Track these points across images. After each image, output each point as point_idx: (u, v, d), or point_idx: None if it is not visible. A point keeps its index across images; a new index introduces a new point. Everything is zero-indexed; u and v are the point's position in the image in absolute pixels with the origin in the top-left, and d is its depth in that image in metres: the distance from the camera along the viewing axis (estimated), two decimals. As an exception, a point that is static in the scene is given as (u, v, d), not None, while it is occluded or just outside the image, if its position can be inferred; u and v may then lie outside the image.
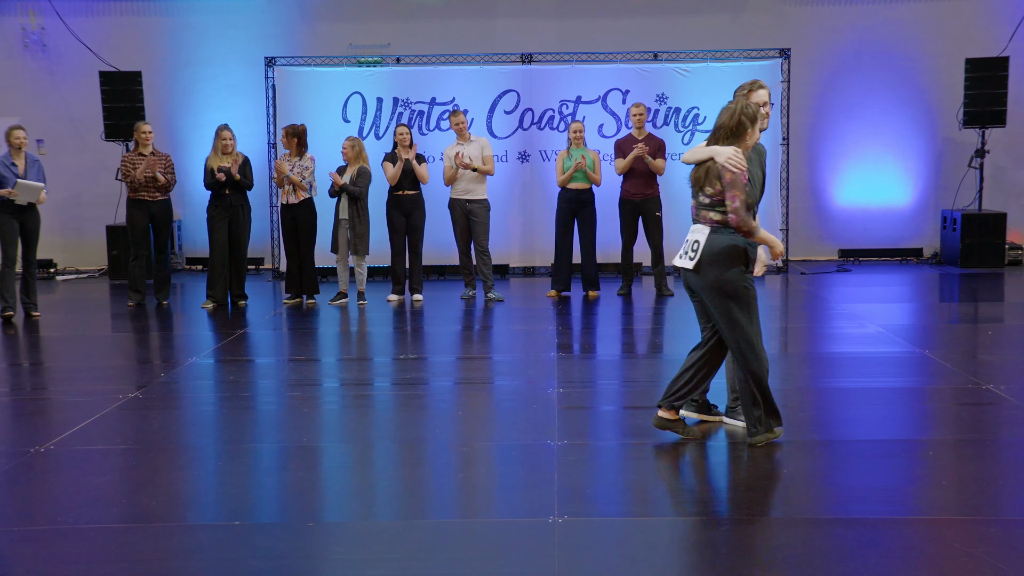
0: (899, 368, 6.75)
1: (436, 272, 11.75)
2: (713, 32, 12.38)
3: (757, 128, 4.90)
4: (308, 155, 9.71)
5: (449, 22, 12.53)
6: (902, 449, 4.94)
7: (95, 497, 4.37)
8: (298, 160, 9.63)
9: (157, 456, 4.99)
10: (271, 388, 6.55)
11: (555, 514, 4.04)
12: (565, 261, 10.07)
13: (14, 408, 6.16)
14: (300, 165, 9.60)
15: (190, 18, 12.68)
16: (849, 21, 12.54)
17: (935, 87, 12.49)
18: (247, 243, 9.83)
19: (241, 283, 9.81)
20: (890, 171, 12.67)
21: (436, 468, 4.86)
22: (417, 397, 6.25)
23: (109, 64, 12.26)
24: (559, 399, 5.89)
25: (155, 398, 6.12)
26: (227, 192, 9.54)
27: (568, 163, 9.85)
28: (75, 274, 12.58)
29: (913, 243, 12.74)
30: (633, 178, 9.93)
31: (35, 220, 8.94)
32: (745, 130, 4.85)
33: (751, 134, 4.88)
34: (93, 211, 12.51)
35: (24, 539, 3.91)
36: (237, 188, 9.60)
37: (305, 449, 5.12)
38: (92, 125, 12.17)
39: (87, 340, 8.42)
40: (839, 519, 4.02)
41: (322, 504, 4.40)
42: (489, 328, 8.76)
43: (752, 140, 4.91)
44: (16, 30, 12.68)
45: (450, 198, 9.99)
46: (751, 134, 4.88)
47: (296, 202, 9.62)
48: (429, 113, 11.76)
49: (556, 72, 11.78)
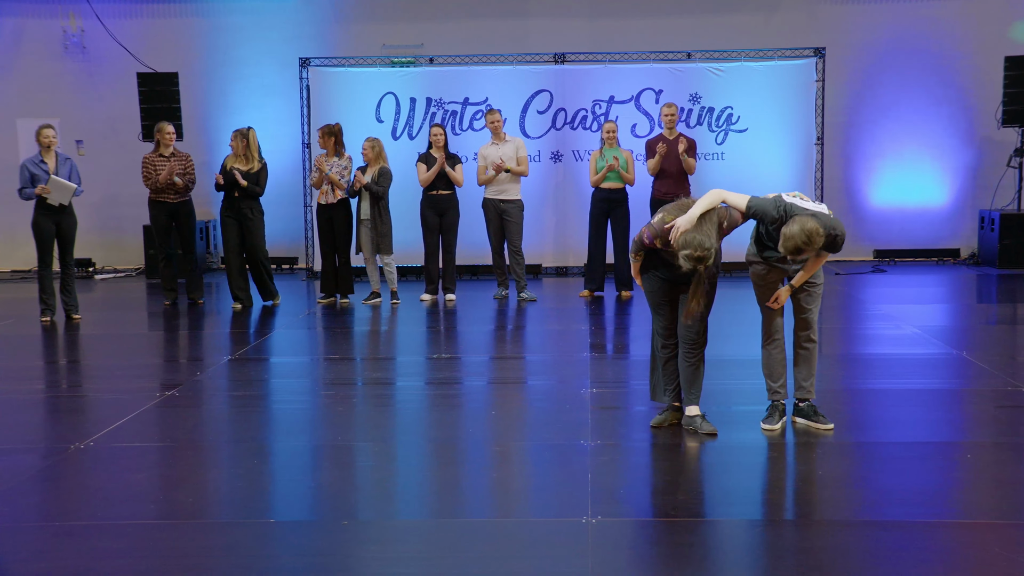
0: (936, 370, 6.67)
1: (469, 272, 11.78)
2: (747, 31, 12.32)
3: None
4: (346, 155, 9.76)
5: (482, 22, 12.56)
6: (939, 451, 4.89)
7: (133, 493, 4.42)
8: (336, 159, 9.68)
9: (193, 453, 5.04)
10: (305, 387, 6.59)
11: (588, 514, 4.04)
12: (598, 261, 10.06)
13: (54, 405, 6.25)
14: (339, 165, 9.65)
15: (226, 19, 12.80)
16: (885, 19, 12.42)
17: (973, 85, 12.34)
18: (263, 245, 9.66)
19: (265, 284, 9.67)
20: (927, 170, 12.54)
21: (469, 467, 4.87)
22: (450, 396, 6.27)
23: (146, 65, 12.40)
24: (592, 399, 5.89)
25: (191, 396, 6.18)
26: (236, 195, 9.46)
27: (601, 163, 9.83)
28: (113, 273, 12.73)
29: (950, 243, 12.60)
30: (665, 178, 9.90)
31: (70, 222, 8.95)
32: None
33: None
34: (130, 211, 12.65)
35: (65, 533, 3.97)
36: (246, 190, 9.44)
37: (339, 448, 5.15)
38: (130, 126, 12.31)
39: (124, 339, 8.52)
40: (876, 521, 3.99)
41: (356, 502, 4.42)
42: (522, 328, 8.76)
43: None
44: (57, 33, 12.86)
45: (484, 198, 10.00)
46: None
47: (334, 202, 9.67)
48: (462, 113, 11.79)
49: (589, 72, 11.76)
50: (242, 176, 9.35)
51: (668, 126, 9.99)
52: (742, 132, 11.66)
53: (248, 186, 9.39)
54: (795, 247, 4.73)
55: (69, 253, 9.02)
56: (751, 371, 6.59)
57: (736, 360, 6.78)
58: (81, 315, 9.07)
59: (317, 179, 9.75)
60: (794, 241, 4.72)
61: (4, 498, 4.35)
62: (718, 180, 11.59)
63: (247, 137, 9.52)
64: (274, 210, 9.83)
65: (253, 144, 9.54)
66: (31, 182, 8.72)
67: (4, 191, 13.05)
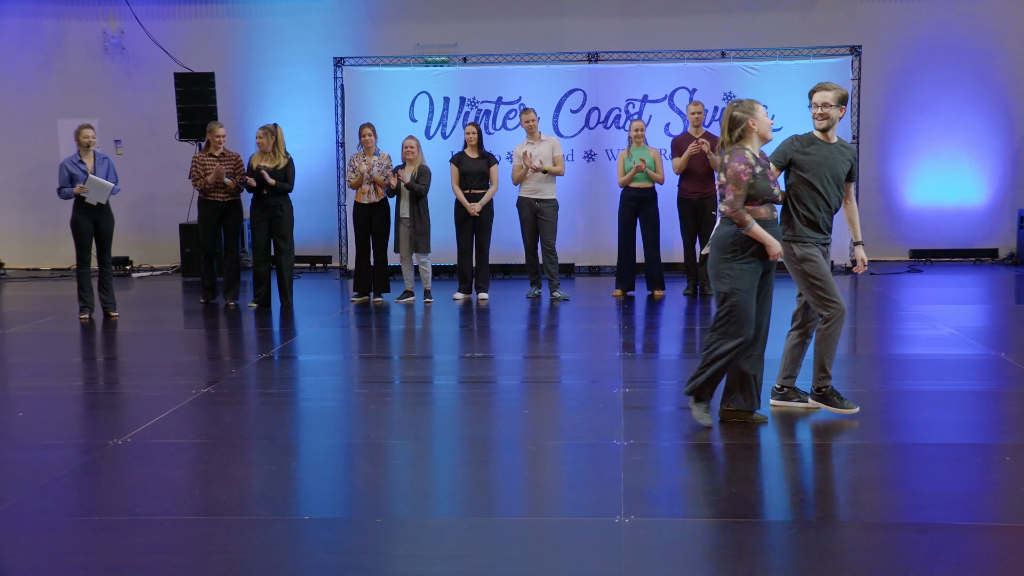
0: (973, 371, 6.60)
1: (502, 271, 11.79)
2: (782, 29, 12.23)
3: (759, 120, 5.11)
4: (384, 153, 9.78)
5: (515, 22, 12.56)
6: (977, 454, 4.84)
7: (170, 489, 4.48)
8: (376, 159, 9.69)
9: (228, 450, 5.09)
10: (339, 385, 6.64)
11: (621, 514, 4.03)
12: (628, 260, 10.04)
13: (93, 402, 6.35)
14: (380, 164, 9.67)
15: (262, 20, 12.90)
16: (922, 17, 12.28)
17: (1013, 83, 12.18)
18: (290, 243, 9.61)
19: (283, 286, 9.58)
20: (964, 170, 12.38)
21: (502, 466, 4.89)
22: (483, 395, 6.29)
23: (184, 66, 12.53)
24: (624, 399, 5.88)
25: (227, 393, 6.24)
26: (265, 192, 9.46)
27: (629, 163, 9.82)
28: (150, 271, 12.88)
29: (988, 243, 12.43)
30: (691, 177, 9.87)
31: (108, 220, 9.05)
32: (739, 125, 5.08)
33: (752, 127, 5.09)
34: (167, 210, 12.80)
35: (104, 528, 4.03)
36: (274, 188, 9.42)
37: (373, 445, 5.19)
38: (167, 126, 12.44)
39: (160, 336, 8.62)
40: (912, 524, 3.95)
41: (389, 500, 4.45)
42: (555, 327, 8.76)
43: (759, 133, 5.14)
44: (97, 34, 13.03)
45: (518, 197, 10.01)
46: (752, 127, 5.09)
47: (376, 201, 9.70)
48: (496, 112, 11.81)
49: (622, 71, 11.74)
50: (269, 174, 9.37)
51: (694, 124, 9.96)
52: (777, 131, 11.52)
53: (277, 183, 9.38)
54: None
55: (107, 251, 9.13)
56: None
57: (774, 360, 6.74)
58: (119, 313, 9.18)
59: (356, 179, 9.74)
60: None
61: (44, 493, 4.42)
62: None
63: (275, 134, 9.55)
64: (308, 209, 9.88)
65: (280, 141, 9.58)
66: (69, 181, 8.84)
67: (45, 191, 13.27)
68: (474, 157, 9.82)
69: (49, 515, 4.17)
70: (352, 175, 9.81)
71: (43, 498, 4.36)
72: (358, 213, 9.84)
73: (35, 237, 13.28)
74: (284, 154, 9.58)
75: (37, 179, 13.16)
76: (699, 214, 9.93)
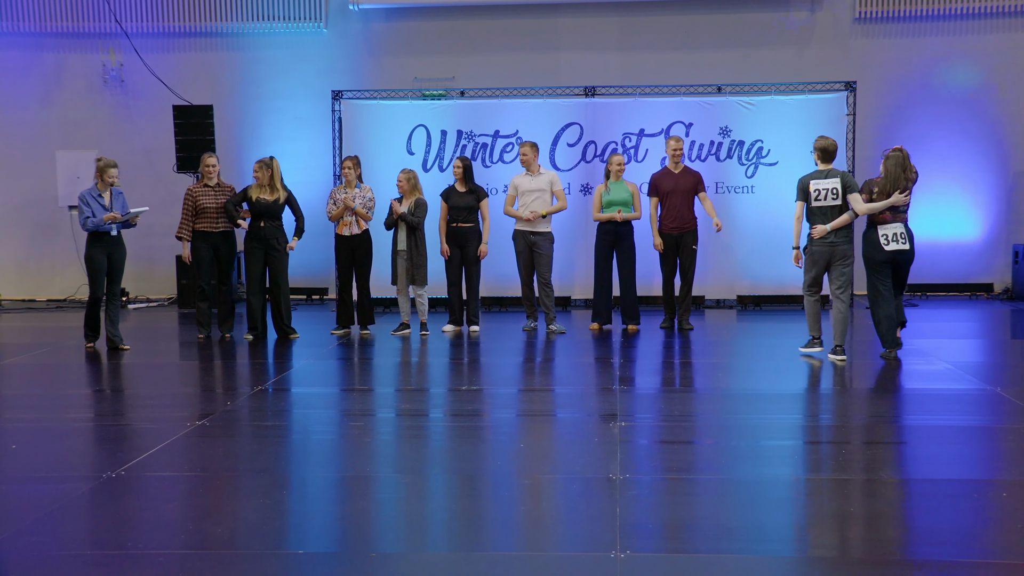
0: (970, 406, 6.59)
1: (497, 304, 11.79)
2: (778, 65, 12.34)
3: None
4: (366, 186, 9.83)
5: (513, 55, 12.66)
6: (975, 490, 4.82)
7: (163, 523, 4.45)
8: (358, 191, 9.73)
9: (223, 483, 5.07)
10: (331, 418, 6.62)
11: (617, 548, 4.01)
12: (605, 294, 10.06)
13: (87, 434, 6.31)
14: (363, 196, 9.71)
15: (260, 53, 13.00)
16: (917, 54, 12.40)
17: (1005, 119, 12.28)
18: (285, 276, 9.63)
19: (280, 318, 9.60)
20: (959, 205, 12.45)
21: (497, 500, 4.86)
22: (478, 429, 6.27)
23: (182, 98, 12.60)
24: (621, 432, 5.86)
25: (221, 426, 6.22)
26: (261, 224, 9.48)
27: (606, 195, 9.87)
28: (146, 303, 12.87)
29: (983, 278, 12.47)
30: (671, 211, 9.92)
31: (121, 254, 9.08)
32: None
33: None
34: (164, 241, 12.78)
35: (98, 563, 3.99)
36: (272, 219, 9.48)
37: (367, 479, 5.16)
38: (165, 157, 12.49)
39: (155, 368, 8.59)
40: (909, 561, 3.93)
41: (383, 534, 4.42)
42: (550, 360, 8.75)
43: None
44: (96, 67, 13.12)
45: (514, 230, 10.03)
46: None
47: (359, 233, 9.74)
48: (492, 146, 11.87)
49: (619, 105, 11.81)
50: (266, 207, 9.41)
51: (674, 160, 10.02)
52: (772, 165, 11.64)
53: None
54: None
55: (117, 283, 9.10)
56: (782, 406, 6.55)
57: (767, 395, 6.73)
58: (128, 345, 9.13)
59: (337, 212, 9.73)
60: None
61: (37, 527, 4.39)
62: (747, 213, 11.61)
63: (271, 167, 9.58)
64: (304, 240, 9.86)
65: (277, 174, 9.60)
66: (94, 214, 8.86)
67: (43, 222, 13.32)
68: (462, 191, 9.85)
69: (42, 550, 4.13)
70: (332, 207, 9.80)
71: (36, 532, 4.33)
72: (340, 245, 9.84)
73: (32, 269, 13.28)
74: (282, 187, 9.61)
75: (35, 211, 13.21)
76: (680, 248, 9.98)
